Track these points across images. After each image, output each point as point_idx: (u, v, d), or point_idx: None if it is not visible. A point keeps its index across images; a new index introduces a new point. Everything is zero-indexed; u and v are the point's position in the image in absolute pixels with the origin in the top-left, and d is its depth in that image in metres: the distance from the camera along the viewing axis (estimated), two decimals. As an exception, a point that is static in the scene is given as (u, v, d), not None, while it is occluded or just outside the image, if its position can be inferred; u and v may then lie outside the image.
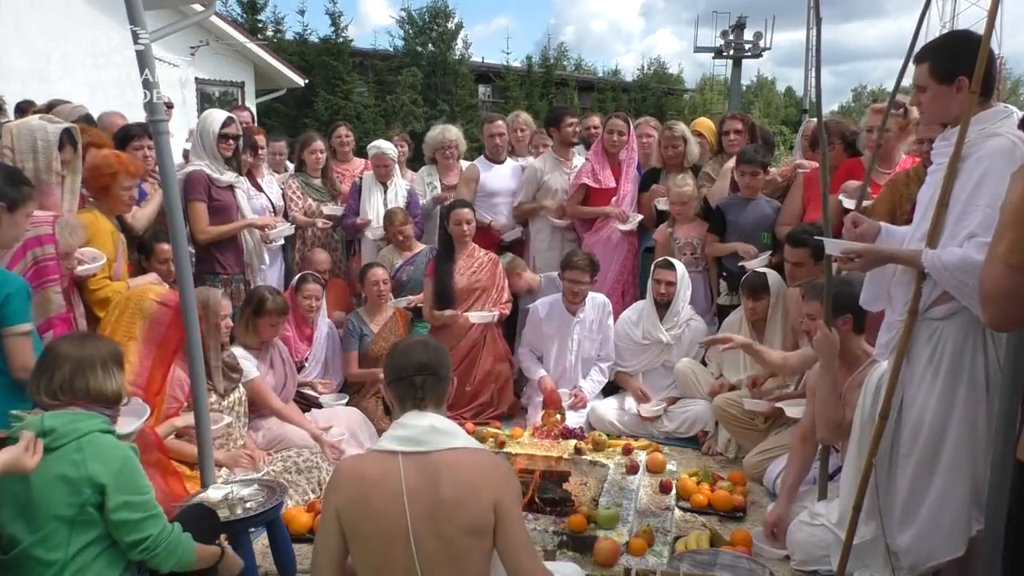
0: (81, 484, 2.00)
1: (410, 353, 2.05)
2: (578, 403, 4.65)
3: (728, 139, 4.93)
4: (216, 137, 4.22)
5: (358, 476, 1.95)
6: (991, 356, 2.34)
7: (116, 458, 2.06)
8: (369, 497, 1.89)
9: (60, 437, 2.02)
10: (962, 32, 2.59)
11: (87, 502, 2.01)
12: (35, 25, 8.71)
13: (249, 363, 3.82)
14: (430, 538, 1.87)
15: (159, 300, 3.27)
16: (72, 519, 2.01)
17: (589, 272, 4.60)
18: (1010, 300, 1.66)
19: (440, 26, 21.12)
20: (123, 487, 2.04)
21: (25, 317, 2.52)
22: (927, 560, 2.47)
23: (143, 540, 2.06)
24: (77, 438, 2.03)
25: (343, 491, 1.94)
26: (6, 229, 2.58)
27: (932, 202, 2.39)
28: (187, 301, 2.82)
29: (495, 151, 5.52)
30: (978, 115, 2.31)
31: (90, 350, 2.18)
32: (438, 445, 1.93)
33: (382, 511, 1.87)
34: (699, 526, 3.37)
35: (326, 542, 1.94)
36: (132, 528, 2.05)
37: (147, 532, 2.06)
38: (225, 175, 4.28)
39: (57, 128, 3.13)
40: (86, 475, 2.01)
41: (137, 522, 2.05)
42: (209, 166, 4.23)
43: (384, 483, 1.89)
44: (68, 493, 2.00)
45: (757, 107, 38.23)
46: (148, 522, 2.07)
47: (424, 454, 1.92)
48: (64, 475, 2.00)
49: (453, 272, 4.83)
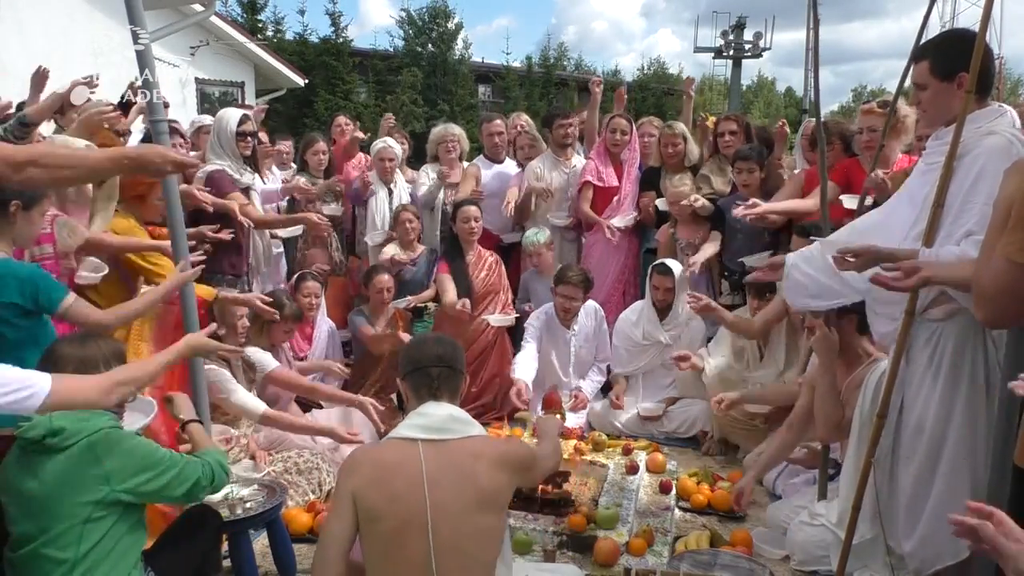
0: (98, 482, 2.00)
1: (427, 346, 2.12)
2: (578, 403, 4.65)
3: (723, 140, 4.92)
4: (234, 135, 4.22)
5: (376, 459, 1.97)
6: (991, 357, 2.34)
7: (131, 449, 2.08)
8: (387, 480, 1.91)
9: (70, 436, 2.01)
10: (961, 29, 2.59)
11: (104, 499, 2.01)
12: (35, 25, 8.71)
13: (265, 356, 3.83)
14: (447, 525, 1.88)
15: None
16: (86, 518, 2.00)
17: (583, 289, 4.58)
18: (1007, 297, 1.66)
19: (440, 26, 21.12)
20: (145, 467, 2.07)
21: (61, 290, 2.51)
22: (932, 564, 2.45)
23: (193, 485, 2.14)
24: (88, 436, 2.03)
25: (360, 473, 1.95)
26: (21, 227, 2.58)
27: (927, 201, 2.38)
28: (187, 301, 2.82)
29: (494, 151, 5.53)
30: (974, 113, 2.31)
31: (92, 350, 2.18)
32: (458, 433, 1.98)
33: (400, 495, 1.89)
34: (699, 526, 3.37)
35: (336, 525, 1.94)
36: (175, 484, 2.11)
37: (192, 479, 2.14)
38: (244, 176, 4.28)
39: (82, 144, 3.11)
40: (103, 473, 2.01)
41: (175, 477, 2.10)
42: (230, 167, 4.23)
43: (403, 467, 1.91)
44: (83, 492, 2.00)
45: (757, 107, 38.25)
46: (186, 470, 2.13)
47: (444, 442, 1.95)
48: (78, 474, 2.00)
49: (468, 270, 4.83)
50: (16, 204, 2.54)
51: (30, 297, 2.40)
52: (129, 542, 2.10)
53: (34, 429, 1.99)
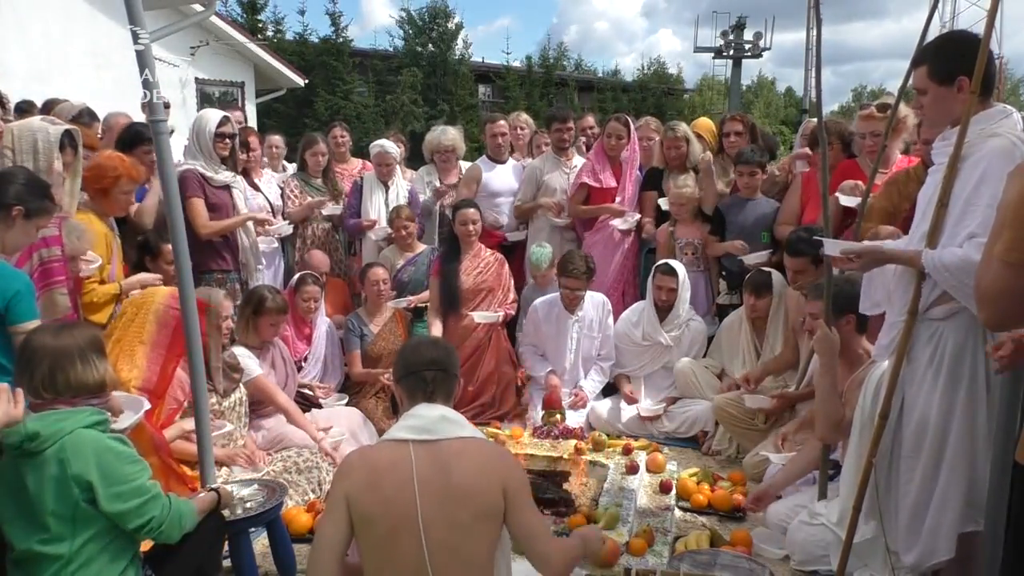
0: (69, 485, 2.01)
1: (421, 350, 2.13)
2: (578, 403, 4.65)
3: (729, 140, 4.92)
4: (212, 136, 4.21)
5: (369, 463, 1.97)
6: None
7: (95, 452, 2.04)
8: (380, 483, 1.91)
9: (44, 440, 2.01)
10: (958, 32, 2.59)
11: (79, 500, 2.02)
12: (35, 25, 8.71)
13: (252, 361, 3.81)
14: (439, 525, 1.88)
15: (166, 303, 3.26)
16: (72, 516, 2.02)
17: (585, 277, 4.59)
18: (1007, 299, 1.66)
19: (440, 26, 21.15)
20: (109, 479, 2.04)
21: (33, 314, 2.52)
22: (928, 560, 2.47)
23: (146, 524, 2.09)
24: (60, 439, 2.02)
25: (353, 477, 1.95)
26: (15, 234, 2.58)
27: (932, 202, 2.38)
28: (187, 301, 2.81)
29: (497, 151, 5.52)
30: (978, 115, 2.31)
31: (66, 340, 2.15)
32: (448, 434, 1.98)
33: (392, 497, 1.89)
34: (699, 526, 3.36)
35: (331, 529, 1.94)
36: (133, 515, 2.06)
37: (148, 516, 2.08)
38: (220, 174, 4.27)
39: (58, 129, 3.13)
40: (71, 475, 2.01)
41: (135, 509, 2.06)
42: (203, 165, 4.22)
43: (395, 470, 1.91)
44: (60, 494, 2.01)
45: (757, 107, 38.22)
46: (147, 506, 2.08)
47: (434, 442, 1.95)
48: (53, 477, 2.01)
49: (459, 272, 4.83)
50: (19, 210, 2.55)
51: (4, 300, 2.42)
52: (124, 538, 2.11)
53: (12, 436, 1.98)
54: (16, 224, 2.56)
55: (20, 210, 2.55)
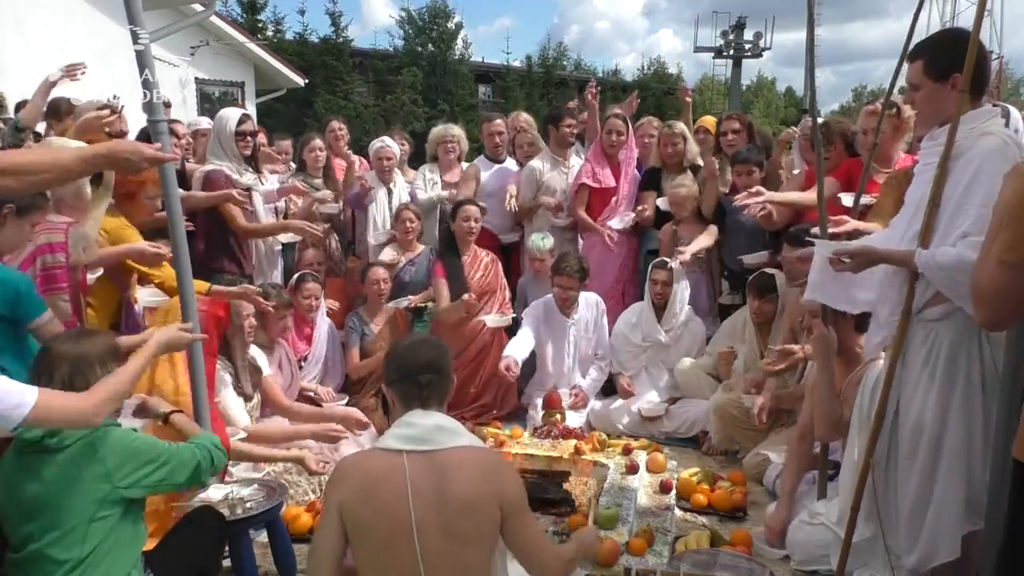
0: (100, 480, 2.01)
1: (415, 352, 2.05)
2: (578, 403, 4.65)
3: (726, 139, 4.92)
4: (233, 135, 4.21)
5: (362, 472, 1.95)
6: (987, 357, 2.34)
7: (130, 444, 2.10)
8: (373, 493, 1.89)
9: (69, 436, 2.01)
10: (955, 30, 2.59)
11: (107, 497, 2.01)
12: (35, 25, 8.71)
13: (262, 360, 3.83)
14: (434, 535, 1.87)
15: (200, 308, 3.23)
16: (91, 517, 2.01)
17: (578, 278, 4.59)
18: (1004, 299, 1.66)
19: (440, 26, 21.17)
20: (147, 461, 2.09)
21: (42, 307, 2.50)
22: (928, 562, 2.46)
23: (195, 470, 2.19)
24: (87, 435, 2.03)
25: (346, 486, 1.93)
26: (8, 233, 2.55)
27: (922, 202, 2.37)
28: (187, 301, 2.81)
29: (495, 151, 5.52)
30: (968, 114, 2.30)
31: (87, 347, 2.16)
32: (444, 444, 1.94)
33: (386, 507, 1.87)
34: (699, 526, 3.36)
35: (325, 538, 1.93)
36: (178, 473, 2.15)
37: (191, 464, 2.18)
38: (244, 177, 4.26)
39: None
40: (105, 471, 2.01)
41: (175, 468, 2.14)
42: (229, 167, 4.21)
43: (389, 479, 1.89)
44: (86, 491, 2.00)
45: (757, 107, 38.22)
46: (185, 457, 2.18)
47: (430, 452, 1.92)
48: (80, 474, 2.00)
49: (463, 268, 4.83)
50: (10, 208, 2.52)
51: (9, 304, 2.39)
52: (129, 540, 2.11)
53: (32, 430, 1.98)
54: (8, 223, 2.53)
55: (11, 208, 2.51)
